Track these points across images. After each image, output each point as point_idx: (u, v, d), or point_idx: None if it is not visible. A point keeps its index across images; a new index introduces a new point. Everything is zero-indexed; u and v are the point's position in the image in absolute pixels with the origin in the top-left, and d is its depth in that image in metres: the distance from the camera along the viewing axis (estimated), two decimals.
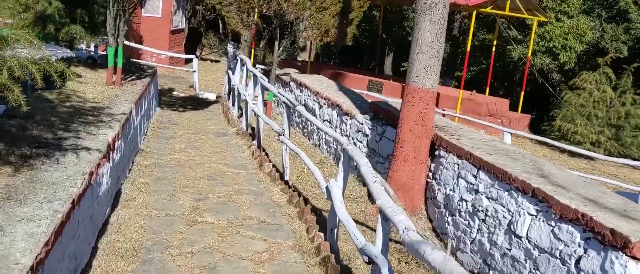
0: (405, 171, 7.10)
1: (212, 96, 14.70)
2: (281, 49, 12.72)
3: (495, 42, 19.17)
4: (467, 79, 29.93)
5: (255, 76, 10.45)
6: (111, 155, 6.11)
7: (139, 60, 16.98)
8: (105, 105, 8.07)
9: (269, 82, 10.33)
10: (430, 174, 7.18)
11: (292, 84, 12.44)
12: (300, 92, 11.83)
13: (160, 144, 9.44)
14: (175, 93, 14.57)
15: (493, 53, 19.00)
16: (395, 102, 10.02)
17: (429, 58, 6.98)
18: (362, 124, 8.70)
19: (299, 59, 24.57)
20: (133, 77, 11.35)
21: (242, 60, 12.85)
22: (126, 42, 15.42)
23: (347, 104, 9.58)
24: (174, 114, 12.23)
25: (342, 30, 11.96)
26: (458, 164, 6.49)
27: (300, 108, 7.89)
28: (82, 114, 7.16)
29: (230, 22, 12.31)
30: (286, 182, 7.48)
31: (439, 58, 7.04)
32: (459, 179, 6.40)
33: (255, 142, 9.46)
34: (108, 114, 7.50)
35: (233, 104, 12.99)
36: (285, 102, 8.23)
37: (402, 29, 29.19)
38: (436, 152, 7.12)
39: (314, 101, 10.83)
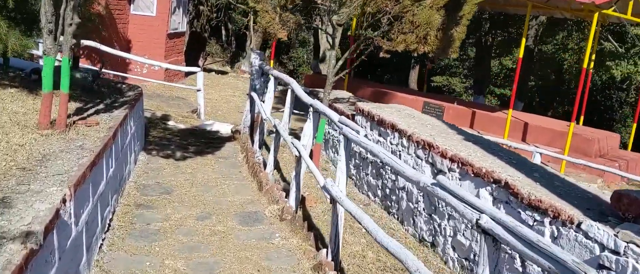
0: None
1: (224, 129, 9.79)
2: (341, 62, 7.88)
3: (589, 57, 14.33)
4: (508, 96, 25.25)
5: (315, 110, 5.59)
6: None
7: (123, 74, 12.03)
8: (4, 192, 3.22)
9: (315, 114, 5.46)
10: None
11: (358, 117, 7.55)
12: (379, 134, 6.95)
13: (131, 257, 4.56)
14: (170, 123, 9.65)
15: (587, 70, 14.13)
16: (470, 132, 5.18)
17: None
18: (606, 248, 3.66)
19: (324, 73, 19.66)
20: (100, 106, 6.45)
21: (277, 78, 7.96)
22: (103, 48, 10.47)
23: (531, 189, 4.60)
24: (167, 166, 7.30)
25: (447, 35, 7.08)
26: None
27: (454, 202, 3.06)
28: None
29: (262, 20, 7.44)
30: None
31: None
32: None
33: (325, 251, 4.56)
34: None
35: (261, 146, 8.08)
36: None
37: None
38: None
39: (422, 158, 5.95)
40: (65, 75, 5.15)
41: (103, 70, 8.58)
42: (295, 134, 10.25)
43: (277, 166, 7.38)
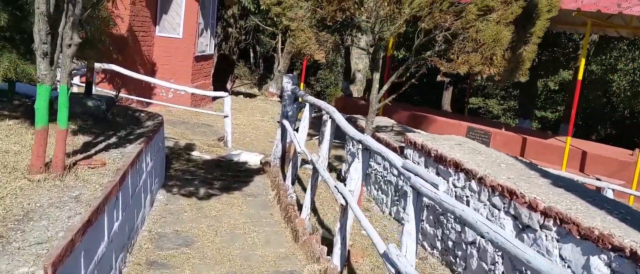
0: None
1: (253, 159, 8.75)
2: (387, 86, 6.79)
3: None
4: (548, 120, 23.67)
5: (365, 147, 4.48)
6: None
7: (147, 100, 11.17)
8: None
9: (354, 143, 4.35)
10: None
11: (409, 150, 6.41)
12: (437, 173, 5.78)
13: None
14: (195, 154, 8.66)
15: None
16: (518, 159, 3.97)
17: None
18: None
19: (355, 95, 18.59)
20: (112, 139, 5.47)
21: (313, 106, 6.93)
22: (123, 71, 9.61)
23: None
24: (189, 207, 6.26)
25: (516, 55, 5.93)
26: None
27: None
28: None
29: (297, 41, 6.41)
30: None
31: None
32: None
33: None
34: None
35: (294, 181, 7.01)
36: None
37: None
38: None
39: (500, 208, 4.77)
40: (63, 107, 4.17)
41: (121, 96, 7.67)
42: (330, 165, 9.15)
43: (313, 207, 6.27)
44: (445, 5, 5.71)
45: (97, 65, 8.89)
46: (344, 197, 4.45)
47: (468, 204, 5.01)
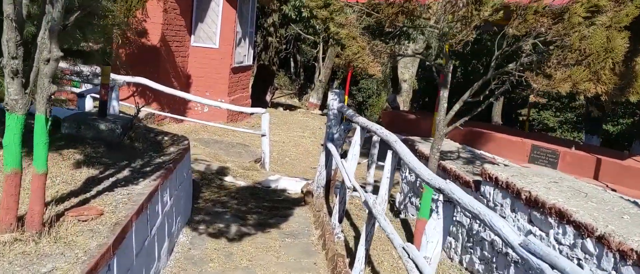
0: None
1: (292, 186, 7.55)
2: (458, 105, 5.48)
3: None
4: (609, 134, 21.52)
5: (447, 198, 3.18)
6: None
7: (179, 117, 10.18)
8: None
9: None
10: None
11: (487, 187, 5.04)
12: (530, 221, 4.40)
13: None
14: (228, 179, 7.53)
15: None
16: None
17: None
18: None
19: (403, 108, 17.17)
20: (124, 172, 4.35)
21: (364, 129, 5.67)
22: (154, 85, 8.61)
23: None
24: (216, 253, 5.09)
25: (629, 68, 4.50)
26: None
27: None
28: None
29: (348, 51, 5.18)
30: None
31: None
32: None
33: None
34: None
35: (342, 218, 5.74)
36: None
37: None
38: None
39: None
40: (41, 144, 3.05)
41: (153, 112, 6.62)
42: (375, 187, 7.86)
43: (368, 259, 4.99)
44: (541, 5, 4.36)
45: (121, 78, 7.92)
46: (419, 270, 3.16)
47: (582, 267, 3.61)
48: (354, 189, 5.72)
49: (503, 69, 5.02)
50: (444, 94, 5.48)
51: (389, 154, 4.42)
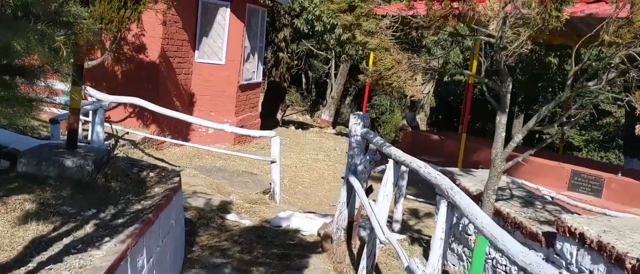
0: None
1: (307, 225, 6.30)
2: (520, 136, 4.28)
3: None
4: None
5: None
6: None
7: (180, 142, 9.04)
8: None
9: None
10: None
11: (564, 244, 3.77)
12: None
13: None
14: (231, 218, 6.30)
15: None
16: None
17: None
18: None
19: (422, 127, 15.90)
20: (87, 227, 3.12)
21: (399, 162, 4.44)
22: (151, 107, 7.47)
23: None
24: None
25: None
26: None
27: None
28: None
29: (379, 65, 4.00)
30: None
31: None
32: None
33: None
34: None
35: None
36: None
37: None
38: None
39: None
40: None
41: (120, 143, 5.47)
42: (405, 223, 6.60)
43: None
44: None
45: (109, 99, 6.78)
46: None
47: None
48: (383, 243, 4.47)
49: (583, 87, 3.78)
50: (502, 119, 4.25)
51: (443, 206, 3.18)
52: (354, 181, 5.37)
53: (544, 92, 20.94)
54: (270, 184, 7.62)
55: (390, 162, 4.48)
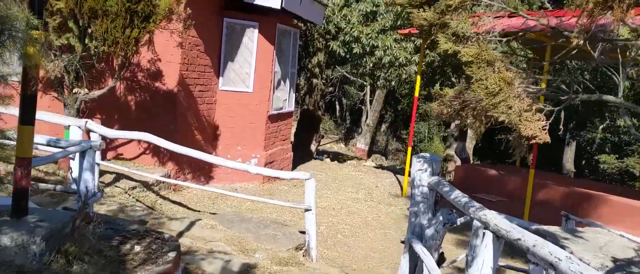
0: None
1: None
2: None
3: None
4: None
5: None
6: None
7: (199, 187, 7.64)
8: None
9: None
10: None
11: None
12: None
13: None
14: None
15: None
16: None
17: None
18: None
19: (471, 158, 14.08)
20: None
21: (500, 237, 2.79)
22: (162, 143, 6.07)
23: None
24: None
25: None
26: None
27: None
28: None
29: (477, 89, 2.48)
30: None
31: None
32: None
33: None
34: None
35: None
36: None
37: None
38: None
39: None
40: None
41: (91, 212, 4.05)
42: None
43: None
44: None
45: (109, 134, 5.42)
46: None
47: None
48: None
49: None
50: None
51: None
52: (419, 248, 3.78)
53: (597, 117, 18.87)
54: (305, 238, 6.07)
55: (488, 236, 2.87)
